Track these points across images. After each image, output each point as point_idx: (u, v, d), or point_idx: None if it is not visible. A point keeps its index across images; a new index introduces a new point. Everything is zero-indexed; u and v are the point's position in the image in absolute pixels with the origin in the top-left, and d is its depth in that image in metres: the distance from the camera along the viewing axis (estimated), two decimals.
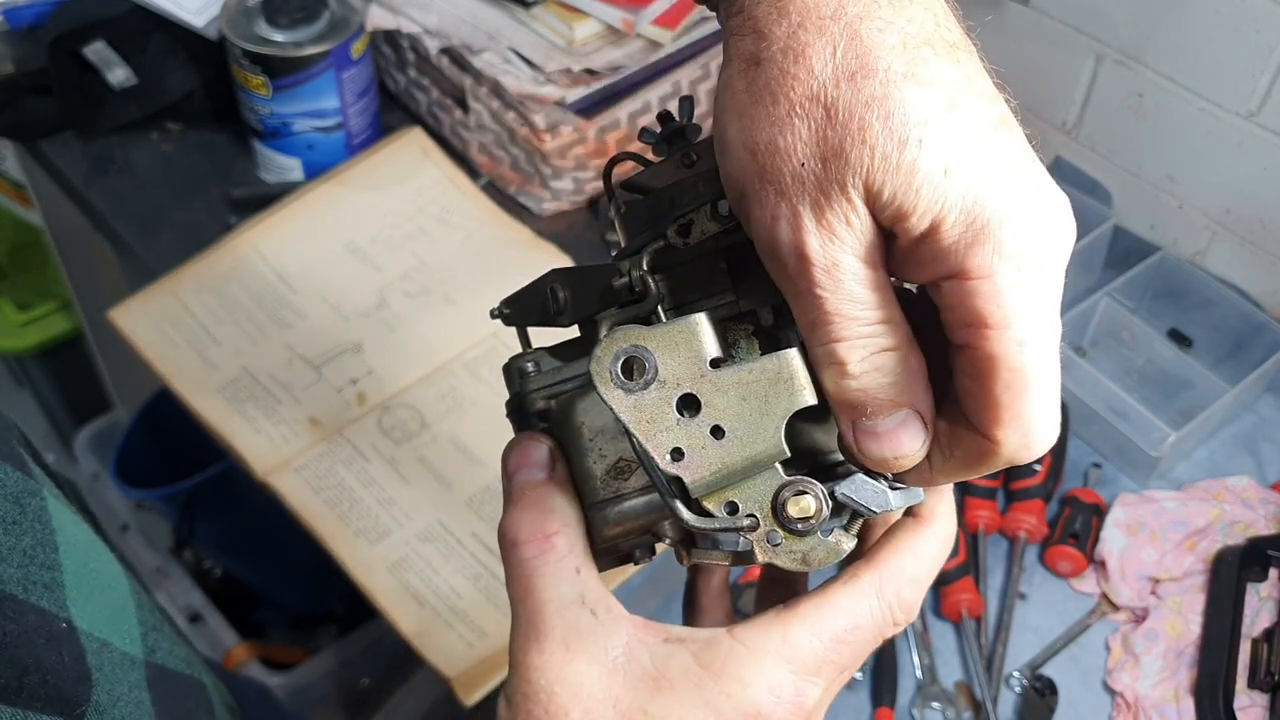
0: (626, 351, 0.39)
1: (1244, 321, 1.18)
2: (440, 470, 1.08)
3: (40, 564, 0.44)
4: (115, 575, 0.51)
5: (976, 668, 0.98)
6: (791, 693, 0.41)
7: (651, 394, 0.39)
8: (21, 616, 0.42)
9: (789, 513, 0.39)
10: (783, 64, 0.35)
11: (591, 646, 0.41)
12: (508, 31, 1.27)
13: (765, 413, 0.39)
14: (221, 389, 1.13)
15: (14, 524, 0.43)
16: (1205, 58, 1.16)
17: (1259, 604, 0.99)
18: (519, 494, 0.44)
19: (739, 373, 0.39)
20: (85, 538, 0.49)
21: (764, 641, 0.41)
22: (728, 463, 0.39)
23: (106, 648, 0.46)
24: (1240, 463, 1.13)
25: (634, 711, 0.40)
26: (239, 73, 1.25)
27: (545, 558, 0.42)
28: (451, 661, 0.95)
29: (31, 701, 0.40)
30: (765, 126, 0.35)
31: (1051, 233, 0.36)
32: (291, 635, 1.66)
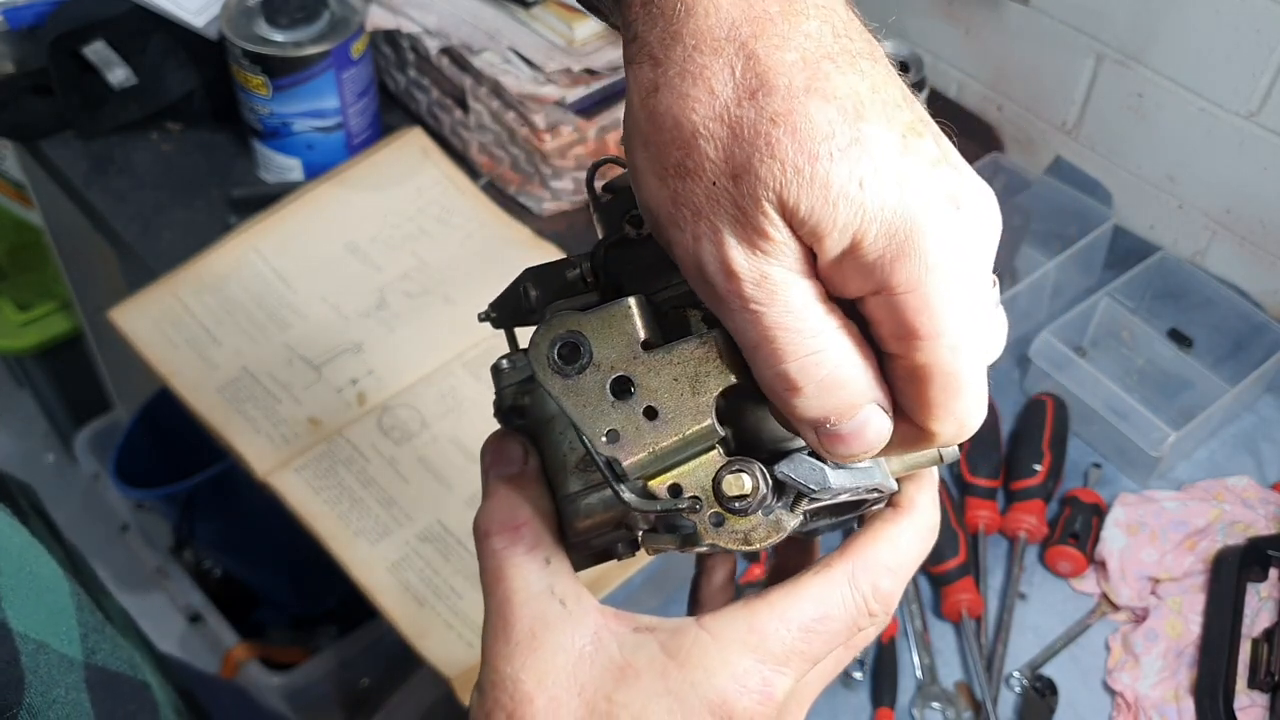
0: (563, 337, 0.40)
1: (1244, 321, 1.18)
2: (440, 470, 1.08)
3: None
4: (54, 577, 0.50)
5: (976, 668, 0.98)
6: (758, 682, 0.40)
7: (587, 378, 0.39)
8: None
9: (725, 491, 0.39)
10: (681, 87, 0.34)
11: (558, 636, 0.41)
12: (508, 31, 1.27)
13: (697, 392, 0.39)
14: (221, 389, 1.13)
15: None
16: (1205, 58, 1.16)
17: (1259, 604, 0.99)
18: (492, 488, 0.45)
19: (669, 354, 0.39)
20: (22, 540, 0.48)
21: (730, 629, 0.41)
22: (662, 443, 0.39)
23: (43, 649, 0.46)
24: (1240, 463, 1.13)
25: (599, 700, 0.40)
26: (239, 73, 1.25)
27: (513, 549, 0.43)
28: (451, 661, 0.95)
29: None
30: (671, 150, 0.35)
31: (974, 232, 0.35)
32: (291, 635, 1.66)
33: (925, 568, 1.04)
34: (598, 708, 0.40)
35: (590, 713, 0.40)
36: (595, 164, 0.49)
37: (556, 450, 0.46)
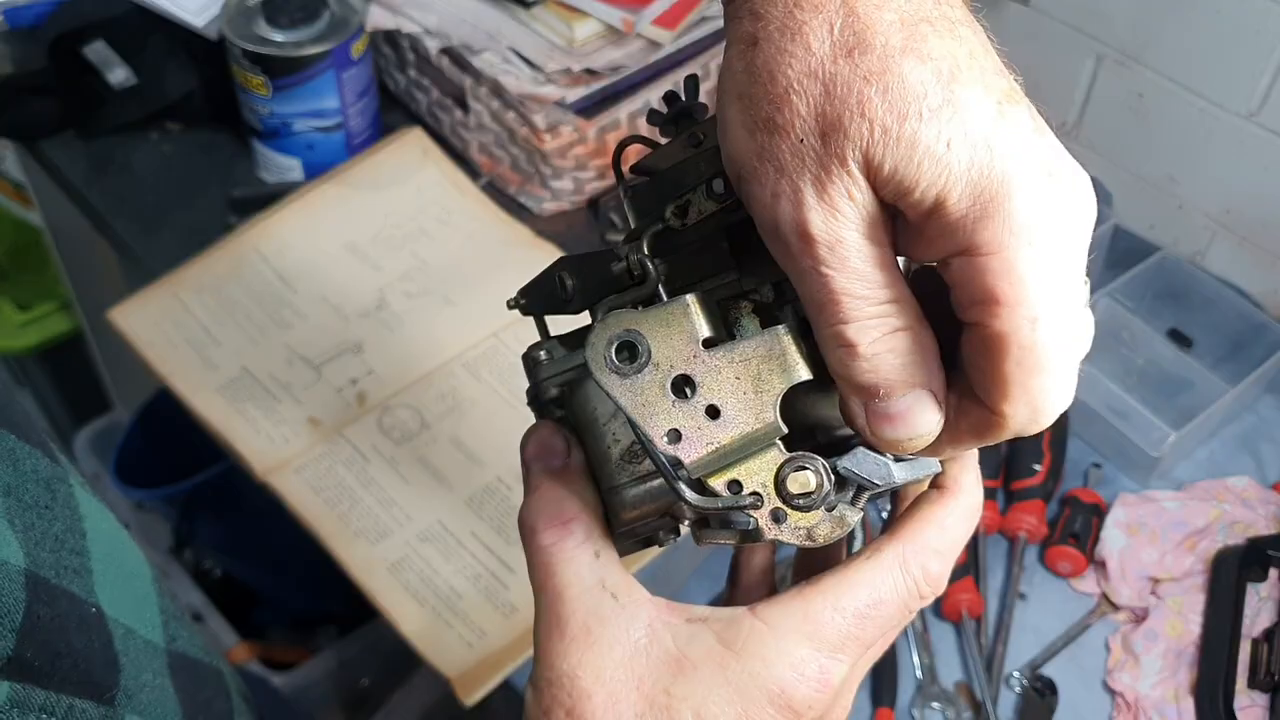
0: (620, 336, 0.39)
1: (1244, 321, 1.18)
2: (440, 470, 1.08)
3: (70, 550, 0.44)
4: (139, 563, 0.51)
5: (976, 668, 0.98)
6: (815, 670, 0.40)
7: (646, 377, 0.39)
8: (54, 601, 0.42)
9: (790, 489, 0.39)
10: (779, 42, 0.34)
11: (613, 630, 0.41)
12: (508, 31, 1.27)
13: (759, 391, 0.38)
14: (221, 389, 1.12)
15: (46, 509, 0.43)
16: (1206, 58, 1.16)
17: (1259, 604, 0.99)
18: (536, 482, 0.44)
19: (731, 352, 0.39)
20: (109, 526, 0.49)
21: (786, 619, 0.41)
22: (724, 442, 0.39)
23: (131, 634, 0.47)
24: (1240, 463, 1.13)
25: (657, 693, 0.40)
26: (239, 73, 1.25)
27: (563, 544, 0.42)
28: (451, 661, 0.95)
29: (64, 685, 0.40)
30: (763, 104, 0.35)
31: (1066, 205, 0.34)
32: (291, 635, 1.66)
33: None
34: (656, 701, 0.40)
35: (650, 706, 0.40)
36: (621, 143, 0.48)
37: (600, 441, 0.45)
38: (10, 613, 0.39)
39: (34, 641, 0.39)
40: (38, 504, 0.43)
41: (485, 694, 0.94)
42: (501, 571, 1.01)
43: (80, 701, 0.40)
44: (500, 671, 0.95)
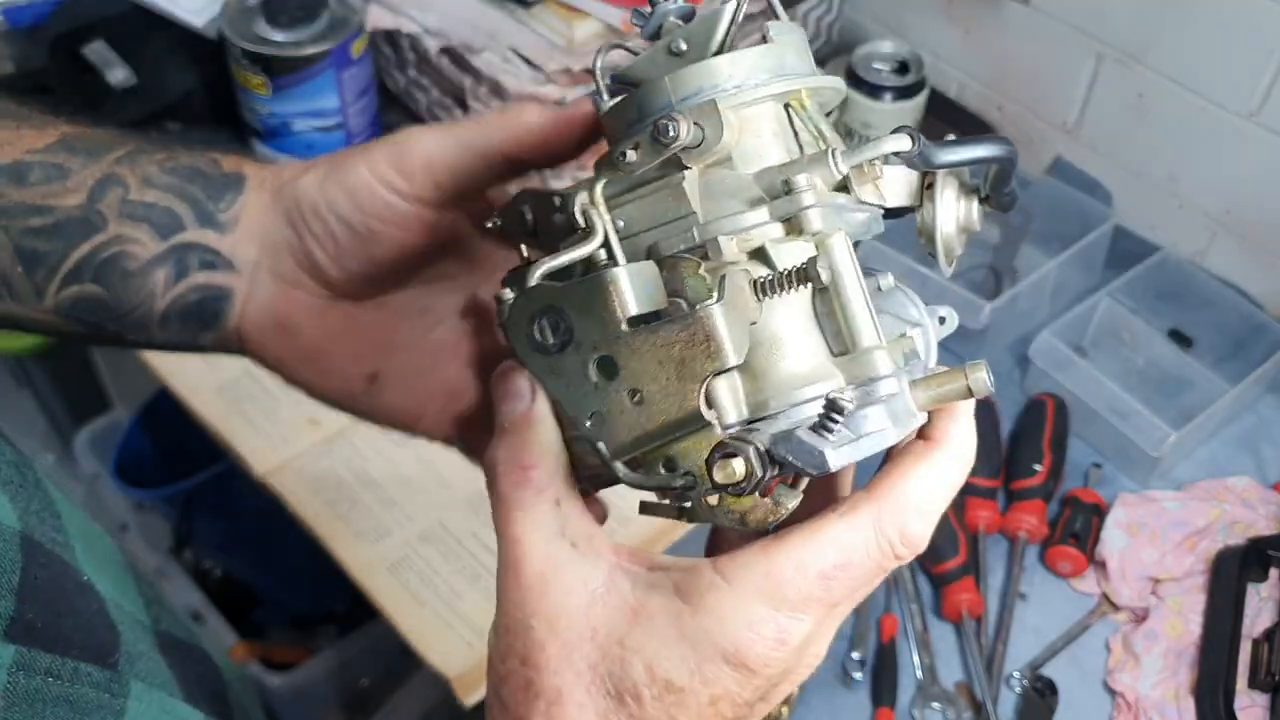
0: (542, 312, 0.37)
1: (1244, 321, 1.18)
2: (440, 470, 1.08)
3: (50, 525, 0.44)
4: (113, 549, 0.51)
5: (977, 668, 0.98)
6: (773, 630, 0.39)
7: (568, 357, 0.37)
8: (50, 564, 0.42)
9: (716, 477, 0.37)
10: None
11: (569, 578, 0.41)
12: (508, 31, 1.27)
13: (683, 377, 0.36)
14: (221, 389, 1.12)
15: (20, 488, 0.43)
16: (1206, 57, 1.16)
17: (1259, 604, 0.99)
18: (500, 426, 0.43)
19: (654, 335, 0.36)
20: (81, 517, 0.49)
21: (746, 576, 0.39)
22: (647, 428, 0.37)
23: (121, 609, 0.47)
24: (1241, 463, 1.13)
25: (610, 644, 0.40)
26: (239, 72, 1.25)
27: (523, 490, 0.42)
28: (451, 662, 0.95)
29: (68, 648, 0.40)
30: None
31: None
32: (291, 635, 1.65)
33: (925, 567, 1.04)
34: (610, 652, 0.40)
35: (603, 657, 0.40)
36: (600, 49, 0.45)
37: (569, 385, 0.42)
38: (7, 572, 0.39)
39: (35, 602, 0.39)
40: (12, 482, 0.43)
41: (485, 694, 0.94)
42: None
43: (85, 665, 0.40)
44: None
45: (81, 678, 0.40)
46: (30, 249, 0.49)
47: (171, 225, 0.50)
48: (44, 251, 0.49)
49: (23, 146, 0.49)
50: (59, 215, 0.49)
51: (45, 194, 0.49)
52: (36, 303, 0.50)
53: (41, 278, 0.49)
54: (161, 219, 0.49)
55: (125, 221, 0.49)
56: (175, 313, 0.50)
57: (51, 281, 0.49)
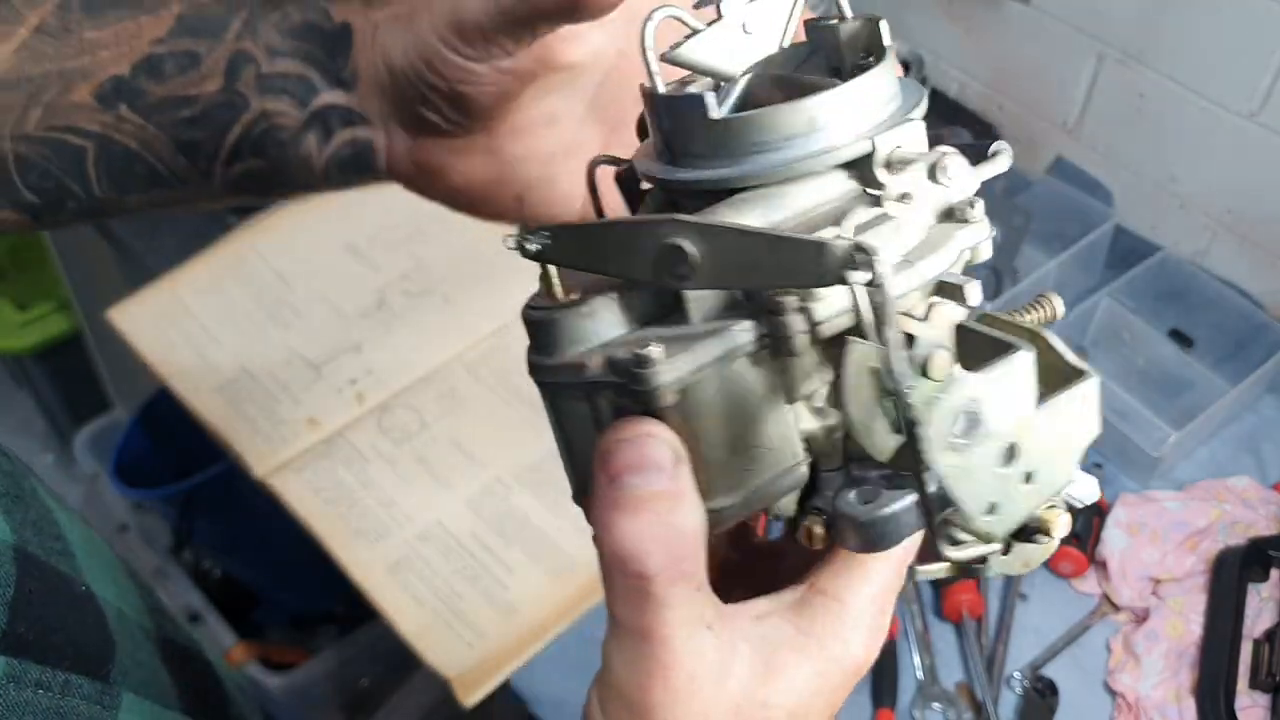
0: (965, 407, 0.32)
1: (1245, 321, 1.18)
2: (439, 470, 1.08)
3: (50, 535, 0.44)
4: (112, 557, 0.51)
5: (977, 668, 0.97)
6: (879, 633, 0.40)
7: (979, 449, 0.33)
8: (45, 576, 0.42)
9: (1055, 534, 0.36)
10: None
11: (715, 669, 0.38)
12: None
13: (1066, 449, 0.34)
14: (221, 389, 1.12)
15: (18, 499, 0.43)
16: (1207, 57, 1.16)
17: (1260, 604, 0.99)
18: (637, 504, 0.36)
19: (1053, 410, 0.33)
20: (77, 521, 0.49)
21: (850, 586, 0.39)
22: (1030, 507, 0.34)
23: (123, 616, 0.46)
24: (1241, 463, 1.13)
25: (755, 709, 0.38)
26: None
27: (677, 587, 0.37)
28: (451, 662, 0.95)
29: (59, 660, 0.40)
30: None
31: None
32: (291, 635, 1.66)
33: None
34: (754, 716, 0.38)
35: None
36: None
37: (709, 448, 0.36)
38: (1, 586, 0.39)
39: (26, 616, 0.39)
40: (10, 493, 0.43)
41: (485, 694, 0.94)
42: (501, 572, 1.01)
43: (76, 677, 0.40)
44: (500, 672, 0.95)
45: (73, 689, 0.40)
46: (187, 139, 0.50)
47: (307, 91, 0.50)
48: (200, 139, 0.50)
49: (146, 38, 0.50)
50: (204, 103, 0.50)
51: (185, 84, 0.50)
52: (206, 184, 0.51)
53: (204, 163, 0.51)
54: (296, 87, 0.51)
55: (266, 96, 0.50)
56: (334, 167, 0.52)
57: (215, 164, 0.51)
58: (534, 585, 1.00)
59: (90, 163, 0.50)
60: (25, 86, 0.49)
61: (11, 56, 0.50)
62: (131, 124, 0.50)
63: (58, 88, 0.49)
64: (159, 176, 0.51)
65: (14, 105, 0.49)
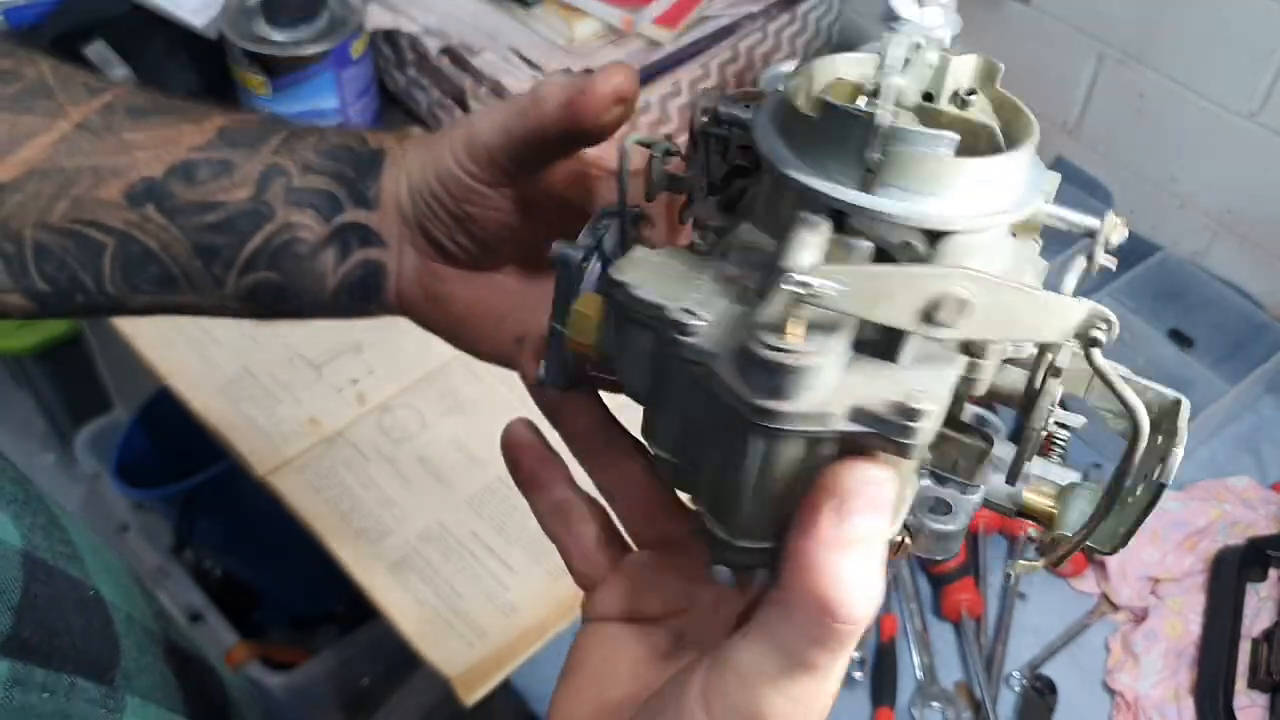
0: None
1: (1245, 321, 1.18)
2: (440, 470, 1.08)
3: (58, 539, 0.44)
4: (117, 561, 0.51)
5: (976, 668, 0.98)
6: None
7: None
8: (52, 580, 0.42)
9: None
10: None
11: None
12: (508, 31, 1.27)
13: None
14: (221, 389, 1.13)
15: (25, 504, 0.44)
16: (1207, 57, 1.16)
17: (1259, 604, 0.99)
18: (867, 548, 0.31)
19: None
20: (84, 527, 0.49)
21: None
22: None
23: (131, 620, 0.47)
24: (1241, 463, 1.13)
25: None
26: (238, 72, 1.25)
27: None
28: (452, 661, 0.95)
29: (64, 664, 0.40)
30: None
31: None
32: (292, 635, 1.66)
33: (925, 567, 1.04)
34: None
35: None
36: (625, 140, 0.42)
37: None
38: (7, 591, 0.39)
39: (31, 620, 0.39)
40: (17, 499, 0.43)
41: (486, 693, 0.94)
42: (502, 571, 1.01)
43: (81, 680, 0.40)
44: (501, 671, 0.95)
45: (77, 693, 0.40)
46: (207, 244, 0.51)
47: (332, 207, 0.51)
48: (220, 245, 0.51)
49: (185, 144, 0.51)
50: (230, 209, 0.51)
51: (214, 190, 0.51)
52: (217, 291, 0.52)
53: (219, 269, 0.51)
54: (323, 202, 0.51)
55: (292, 208, 0.51)
56: (344, 289, 0.52)
57: (230, 272, 0.51)
58: (534, 585, 1.00)
59: (107, 259, 0.50)
60: (57, 178, 0.50)
61: (49, 148, 0.50)
62: (155, 224, 0.50)
63: (89, 182, 0.50)
64: (171, 279, 0.51)
65: (43, 194, 0.50)
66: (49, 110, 0.51)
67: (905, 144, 0.33)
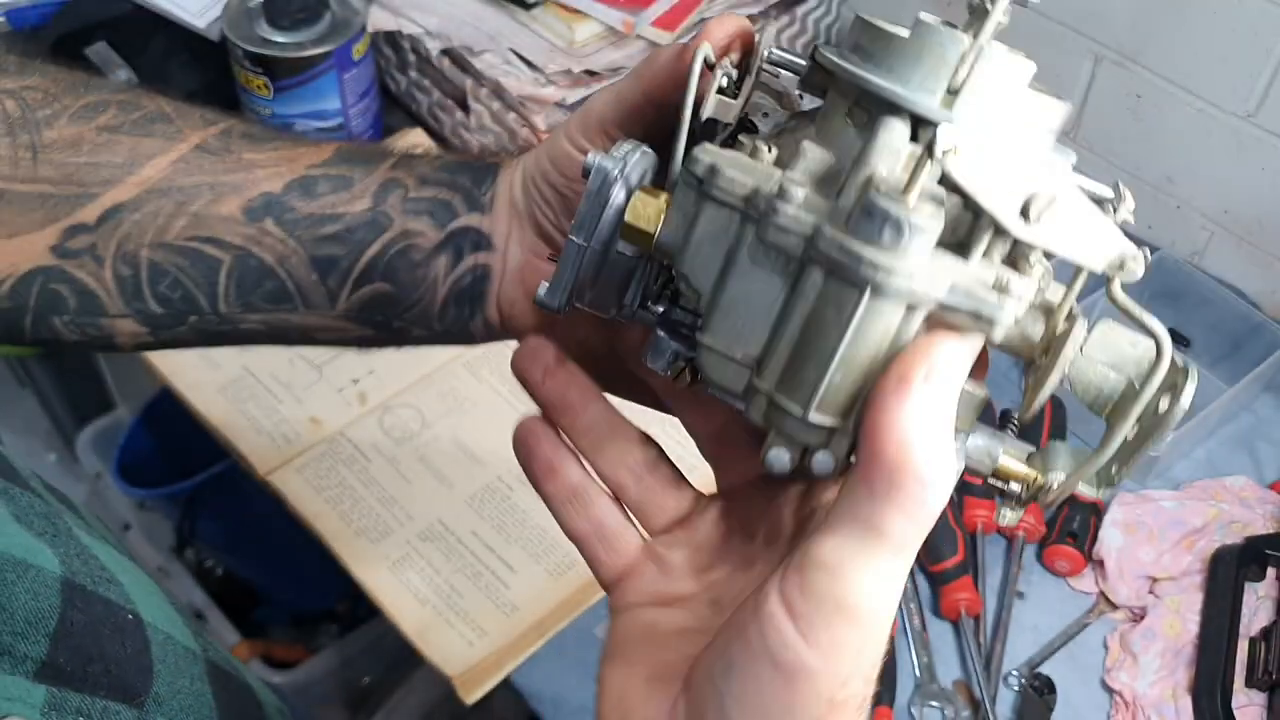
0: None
1: (1242, 321, 1.18)
2: (441, 469, 1.08)
3: (95, 565, 0.45)
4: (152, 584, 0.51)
5: (975, 666, 0.98)
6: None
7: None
8: (89, 606, 0.42)
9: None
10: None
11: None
12: (508, 33, 1.28)
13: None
14: (223, 389, 1.13)
15: (54, 536, 0.44)
16: (1203, 58, 1.16)
17: (1256, 603, 1.00)
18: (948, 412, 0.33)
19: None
20: (116, 553, 0.49)
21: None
22: None
23: (170, 640, 0.47)
24: (1238, 462, 1.13)
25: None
26: (240, 74, 1.26)
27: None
28: (452, 660, 0.96)
29: (96, 689, 0.40)
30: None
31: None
32: (293, 634, 1.66)
33: (924, 566, 1.04)
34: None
35: None
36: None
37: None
38: (45, 619, 0.39)
39: (67, 647, 0.40)
40: (47, 531, 0.44)
41: (486, 692, 0.94)
42: (502, 570, 1.02)
43: (114, 704, 0.41)
44: (501, 670, 0.95)
45: (110, 716, 0.40)
46: (325, 256, 0.50)
47: (447, 214, 0.51)
48: (338, 256, 0.51)
49: (304, 162, 0.52)
50: (349, 220, 0.51)
51: (334, 203, 0.51)
52: (329, 309, 0.51)
53: (335, 282, 0.51)
54: (439, 210, 0.52)
55: (409, 217, 0.51)
56: (453, 297, 0.52)
57: (345, 285, 0.51)
58: (535, 583, 1.01)
59: (223, 275, 0.50)
60: (175, 195, 0.50)
61: (168, 167, 0.50)
62: (273, 237, 0.50)
63: (208, 198, 0.50)
64: (286, 294, 0.51)
65: (161, 212, 0.50)
66: (168, 134, 0.51)
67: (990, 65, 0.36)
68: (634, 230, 0.38)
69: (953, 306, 0.33)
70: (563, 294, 0.42)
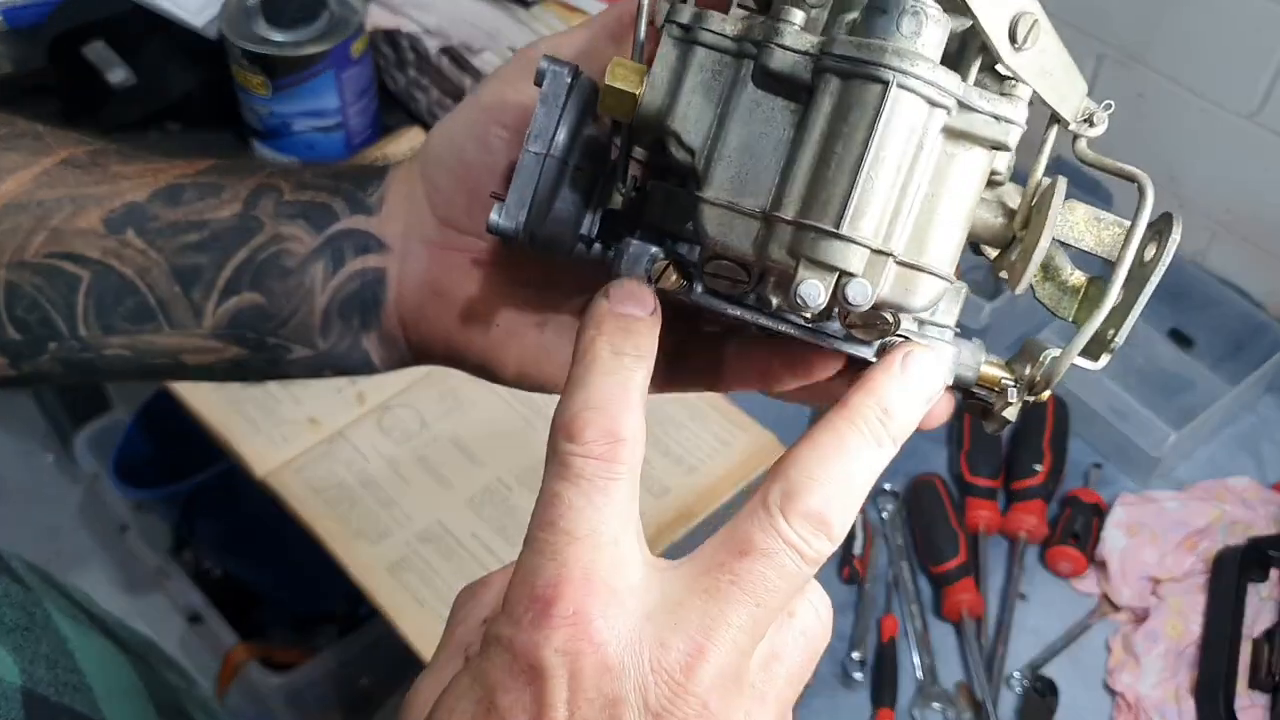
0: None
1: (1245, 321, 1.18)
2: (440, 470, 1.08)
3: (63, 668, 0.43)
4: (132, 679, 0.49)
5: (977, 668, 0.98)
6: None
7: None
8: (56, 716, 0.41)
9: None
10: None
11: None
12: (507, 31, 1.27)
13: None
14: (220, 388, 1.12)
15: (27, 630, 0.42)
16: (1206, 58, 1.16)
17: (1260, 604, 0.99)
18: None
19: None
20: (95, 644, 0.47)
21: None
22: None
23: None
24: (1241, 463, 1.13)
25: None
26: (239, 73, 1.25)
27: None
28: None
29: None
30: None
31: None
32: (291, 636, 1.65)
33: (926, 568, 1.04)
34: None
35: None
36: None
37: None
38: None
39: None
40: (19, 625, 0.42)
41: None
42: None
43: None
44: None
45: None
46: (188, 265, 0.47)
47: (326, 217, 0.47)
48: (201, 265, 0.47)
49: (175, 173, 0.48)
50: (215, 227, 0.47)
51: (200, 210, 0.47)
52: (195, 325, 0.47)
53: (199, 294, 0.47)
54: (316, 213, 0.48)
55: (281, 221, 0.47)
56: (336, 307, 0.48)
57: (210, 296, 0.47)
58: None
59: (81, 293, 0.46)
60: (35, 210, 0.46)
61: (30, 181, 0.47)
62: (134, 249, 0.46)
63: (68, 211, 0.46)
64: (148, 311, 0.47)
65: (20, 229, 0.46)
66: (35, 149, 0.48)
67: None
68: (615, 94, 0.35)
69: (972, 107, 0.34)
70: (521, 212, 0.38)
